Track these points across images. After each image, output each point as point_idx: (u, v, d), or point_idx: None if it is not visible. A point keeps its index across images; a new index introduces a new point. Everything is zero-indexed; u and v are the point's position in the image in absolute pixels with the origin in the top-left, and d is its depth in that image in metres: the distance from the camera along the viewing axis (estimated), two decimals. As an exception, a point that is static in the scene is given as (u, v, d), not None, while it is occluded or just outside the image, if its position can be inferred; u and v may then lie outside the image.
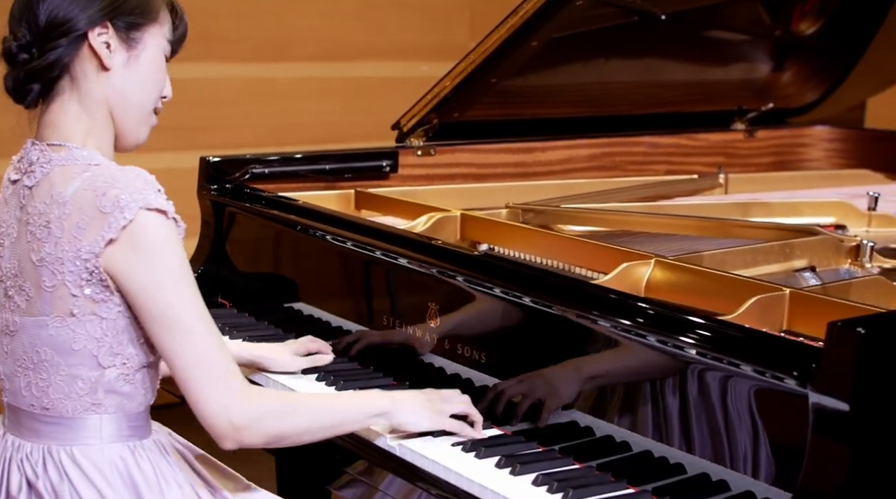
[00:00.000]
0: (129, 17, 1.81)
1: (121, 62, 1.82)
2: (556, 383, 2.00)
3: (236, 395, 1.76)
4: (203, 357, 1.75)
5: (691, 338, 1.78)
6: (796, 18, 3.60)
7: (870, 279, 2.18)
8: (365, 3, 4.69)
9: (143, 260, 1.72)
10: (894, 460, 1.60)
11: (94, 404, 1.79)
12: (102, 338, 1.77)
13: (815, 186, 3.32)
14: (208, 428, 1.78)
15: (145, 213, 1.72)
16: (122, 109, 1.84)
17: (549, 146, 3.21)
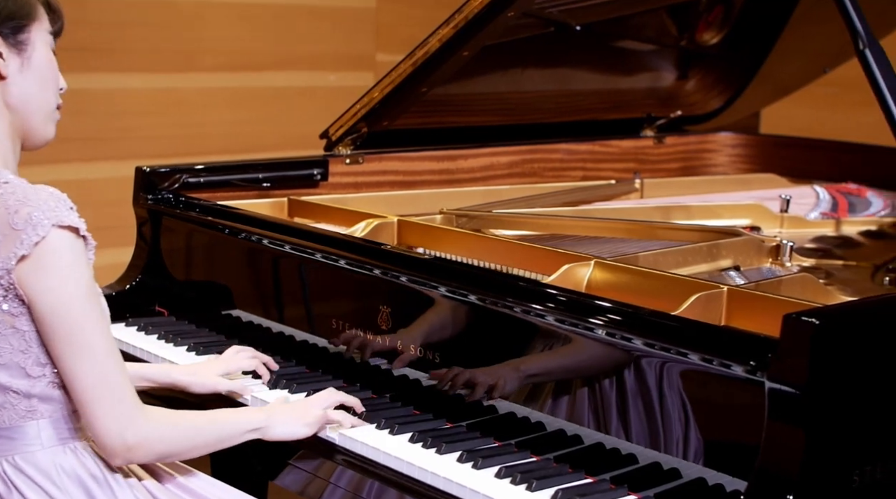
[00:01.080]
0: (12, 22, 1.84)
1: (15, 68, 1.85)
2: (509, 380, 2.08)
3: (131, 416, 1.81)
4: (103, 378, 1.78)
5: (647, 333, 1.87)
6: (701, 29, 3.74)
7: (797, 277, 2.30)
8: (273, 14, 4.72)
9: (52, 279, 1.75)
10: (844, 442, 1.71)
11: (29, 411, 1.81)
12: (27, 350, 1.79)
13: (725, 189, 3.46)
14: (101, 446, 1.82)
15: (57, 230, 1.75)
16: (26, 114, 1.87)
17: (471, 154, 3.29)
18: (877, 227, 3.14)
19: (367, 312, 2.29)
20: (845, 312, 1.72)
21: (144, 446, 1.82)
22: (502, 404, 2.10)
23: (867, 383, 1.75)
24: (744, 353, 1.72)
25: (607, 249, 2.56)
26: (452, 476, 1.91)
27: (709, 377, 1.80)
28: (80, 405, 1.80)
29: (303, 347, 2.46)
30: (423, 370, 2.20)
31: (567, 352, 2.01)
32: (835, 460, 1.70)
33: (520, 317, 2.05)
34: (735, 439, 1.82)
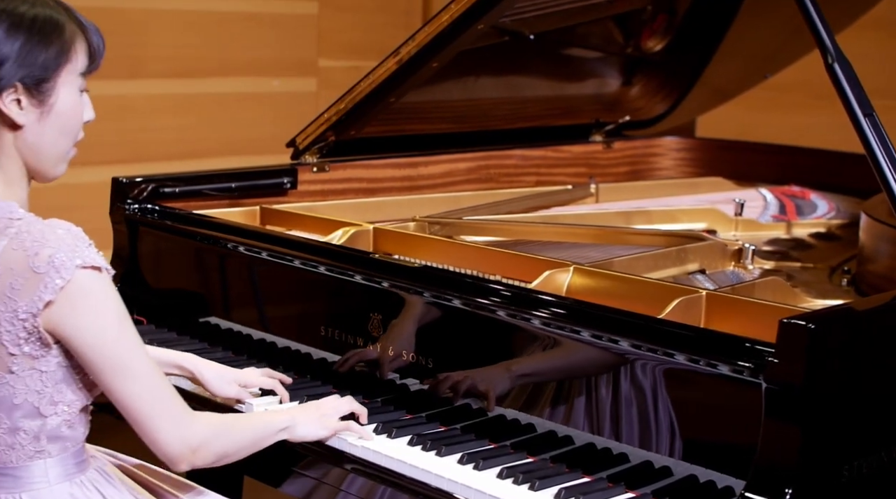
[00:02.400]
0: (38, 72, 1.78)
1: (34, 118, 1.80)
2: (501, 383, 2.15)
3: (188, 422, 1.85)
4: (154, 396, 1.81)
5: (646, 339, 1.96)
6: (645, 37, 3.84)
7: (768, 280, 2.41)
8: (218, 21, 4.75)
9: (85, 317, 1.75)
10: (835, 439, 1.81)
11: (37, 451, 1.82)
12: (42, 390, 1.79)
13: (675, 193, 3.57)
14: (166, 456, 1.85)
15: (81, 271, 1.74)
16: (38, 159, 1.84)
17: (431, 161, 3.36)
18: (825, 229, 3.27)
19: (357, 319, 2.35)
20: (837, 317, 1.82)
21: (205, 446, 1.87)
22: (494, 408, 2.18)
23: (855, 383, 1.86)
24: (742, 356, 1.82)
25: (577, 255, 2.64)
26: (456, 477, 1.99)
27: (705, 379, 1.89)
28: (137, 425, 1.82)
29: (286, 353, 2.51)
30: (414, 375, 2.27)
31: (561, 355, 2.09)
32: (826, 456, 1.80)
33: (521, 325, 2.13)
34: (727, 437, 1.92)
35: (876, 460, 1.89)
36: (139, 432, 1.84)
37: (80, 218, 4.02)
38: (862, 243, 2.73)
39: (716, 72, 3.90)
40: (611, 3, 3.59)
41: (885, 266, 2.60)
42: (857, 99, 2.19)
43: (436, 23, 2.77)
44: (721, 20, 3.77)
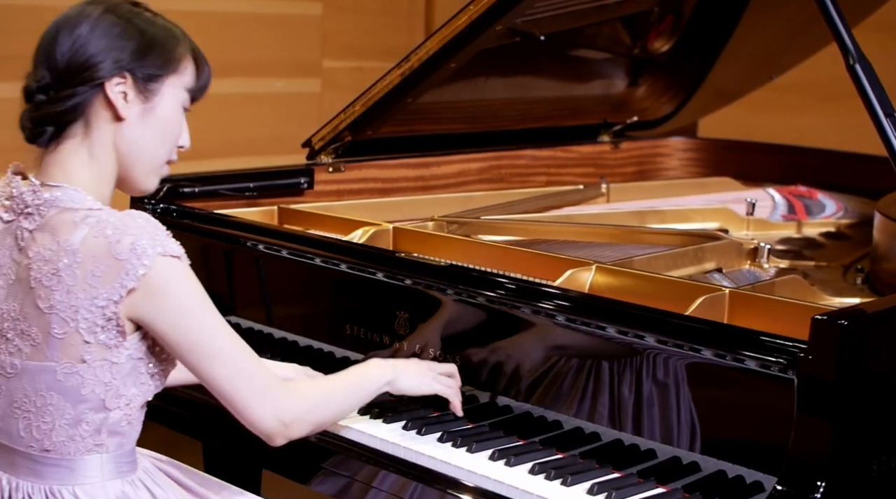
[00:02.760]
0: (150, 69, 1.84)
1: (136, 113, 1.85)
2: (527, 380, 2.18)
3: (280, 398, 1.88)
4: (244, 375, 1.84)
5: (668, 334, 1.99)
6: (652, 38, 3.87)
7: (787, 279, 2.44)
8: (222, 21, 4.76)
9: (167, 302, 1.78)
10: (864, 434, 1.84)
11: (96, 444, 1.84)
12: (111, 382, 1.81)
13: (684, 193, 3.60)
14: (261, 432, 1.88)
15: (162, 259, 1.77)
16: (131, 159, 1.87)
17: (443, 161, 3.38)
18: (835, 228, 3.31)
19: (383, 317, 2.37)
20: (868, 314, 1.85)
21: (299, 421, 1.90)
22: (517, 404, 2.21)
23: (883, 379, 1.89)
24: (773, 352, 1.85)
25: (596, 254, 2.67)
26: (489, 473, 2.01)
27: (734, 375, 1.92)
28: (230, 405, 1.85)
29: (308, 352, 2.54)
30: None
31: (588, 353, 2.12)
32: (857, 451, 1.83)
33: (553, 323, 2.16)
34: (755, 432, 1.94)
35: (903, 455, 1.92)
36: (231, 411, 1.87)
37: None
38: (876, 242, 2.77)
39: (721, 73, 3.93)
40: (619, 4, 3.62)
41: (900, 264, 2.64)
42: (878, 99, 2.22)
43: (455, 23, 2.81)
44: (727, 21, 3.80)
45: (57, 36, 1.83)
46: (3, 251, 1.86)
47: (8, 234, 1.86)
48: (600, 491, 1.94)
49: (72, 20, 1.84)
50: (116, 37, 1.82)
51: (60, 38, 1.82)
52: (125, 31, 1.83)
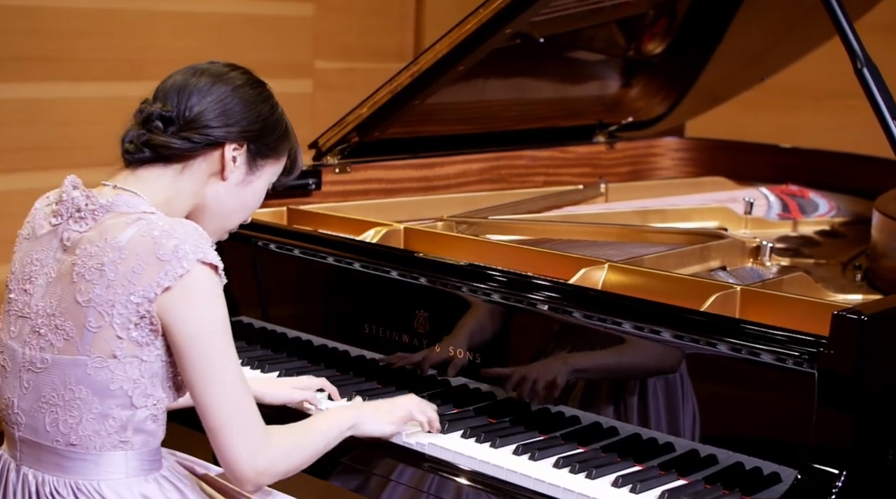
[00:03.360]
0: (264, 148, 1.99)
1: (236, 179, 1.99)
2: (548, 377, 2.24)
3: (261, 442, 1.90)
4: (236, 408, 1.88)
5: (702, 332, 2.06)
6: (646, 40, 3.94)
7: (795, 276, 2.51)
8: (217, 22, 4.80)
9: (193, 309, 1.84)
10: (881, 425, 1.91)
11: (122, 441, 1.89)
12: (139, 379, 1.86)
13: (680, 192, 3.67)
14: (233, 472, 1.90)
15: (201, 266, 1.84)
16: (210, 213, 1.99)
17: (446, 162, 3.44)
18: (830, 227, 3.39)
19: (404, 316, 2.42)
20: (885, 311, 1.92)
21: (272, 468, 1.91)
22: (535, 401, 2.27)
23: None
24: (794, 348, 1.92)
25: (604, 253, 2.72)
26: (515, 468, 2.07)
27: (754, 370, 1.99)
28: (212, 432, 1.87)
29: (323, 351, 2.59)
30: (460, 371, 2.35)
31: (609, 350, 2.18)
32: (874, 441, 1.90)
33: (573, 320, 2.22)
34: (773, 425, 2.01)
35: (915, 446, 1.99)
36: (212, 441, 1.89)
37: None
38: (874, 240, 2.84)
39: (713, 74, 4.00)
40: (616, 7, 3.69)
41: (899, 262, 2.71)
42: (885, 102, 2.29)
43: (465, 26, 2.86)
44: (718, 23, 3.88)
45: (197, 83, 1.95)
46: (48, 252, 1.92)
47: (54, 236, 1.93)
48: (624, 484, 2.01)
49: (215, 75, 1.98)
50: (251, 109, 1.97)
51: (200, 86, 1.95)
52: (259, 107, 1.99)
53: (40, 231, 1.95)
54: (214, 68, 2.01)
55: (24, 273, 1.94)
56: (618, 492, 1.99)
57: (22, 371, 1.91)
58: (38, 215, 1.98)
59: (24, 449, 1.92)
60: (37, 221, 1.98)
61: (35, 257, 1.93)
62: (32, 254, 1.94)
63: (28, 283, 1.93)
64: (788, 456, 1.96)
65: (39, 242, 1.94)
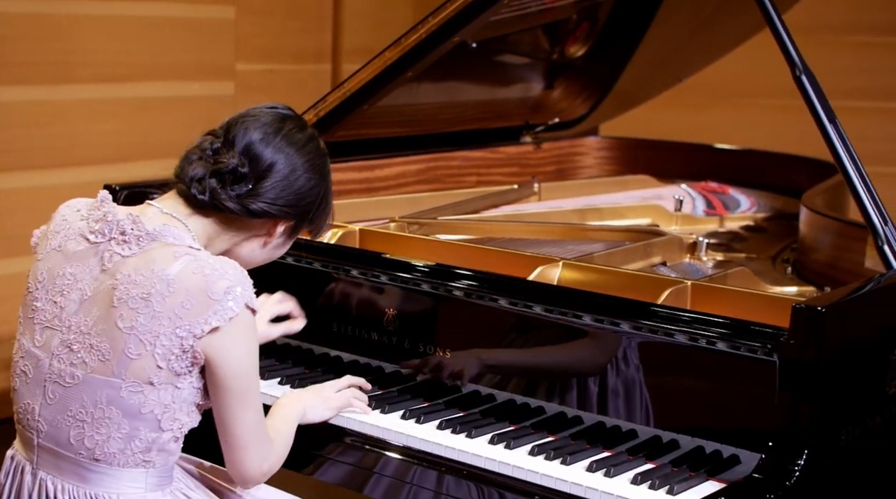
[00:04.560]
0: (309, 222, 2.08)
1: (274, 245, 2.07)
2: (511, 370, 2.37)
3: (269, 451, 2.04)
4: (257, 430, 2.00)
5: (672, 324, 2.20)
6: (569, 43, 4.09)
7: (737, 270, 2.67)
8: (141, 25, 4.83)
9: (239, 349, 1.92)
10: (836, 408, 2.08)
11: (145, 460, 1.96)
12: (170, 405, 1.94)
13: (608, 190, 3.83)
14: (245, 481, 2.04)
15: (247, 310, 1.92)
16: (239, 259, 2.03)
17: (385, 164, 3.55)
18: (753, 222, 3.57)
19: (374, 315, 2.53)
20: (838, 301, 2.08)
21: (273, 468, 2.06)
22: (500, 393, 2.39)
23: (850, 359, 2.12)
24: (759, 338, 2.07)
25: (550, 251, 2.85)
26: (493, 456, 2.19)
27: (715, 359, 2.14)
28: (232, 449, 1.98)
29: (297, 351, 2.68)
30: (426, 365, 2.47)
31: (572, 343, 2.31)
32: (829, 423, 2.06)
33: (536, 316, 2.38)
34: (733, 410, 2.16)
35: (862, 426, 2.16)
36: (229, 456, 2.00)
37: (13, 223, 4.18)
38: (803, 235, 3.02)
39: (632, 75, 4.17)
40: (543, 12, 3.83)
41: (827, 255, 2.89)
42: (822, 107, 2.45)
43: (414, 34, 2.97)
44: (637, 27, 4.04)
45: (277, 150, 2.00)
46: (84, 269, 1.96)
47: (92, 254, 1.96)
48: (598, 468, 2.14)
49: (295, 144, 2.02)
50: (313, 191, 2.05)
51: (278, 157, 1.99)
52: (319, 187, 2.06)
53: (76, 246, 1.98)
54: (295, 135, 2.03)
55: (54, 285, 1.98)
56: (593, 477, 2.12)
57: (47, 382, 1.95)
58: (69, 228, 2.01)
59: (42, 455, 1.98)
60: (69, 234, 2.00)
61: (69, 272, 1.97)
62: (66, 267, 1.97)
63: (59, 295, 1.96)
64: (745, 439, 2.12)
65: (75, 257, 1.97)
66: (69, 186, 4.62)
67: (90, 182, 4.72)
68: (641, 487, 2.08)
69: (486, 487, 2.16)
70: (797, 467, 1.99)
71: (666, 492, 2.06)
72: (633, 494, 2.06)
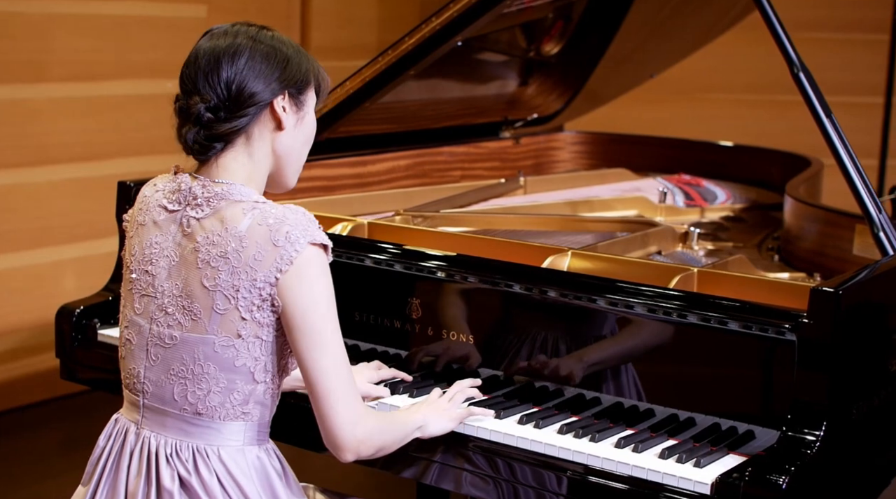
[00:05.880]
0: (298, 85, 2.11)
1: (292, 122, 2.13)
2: (542, 357, 2.49)
3: (361, 413, 2.09)
4: (341, 378, 2.06)
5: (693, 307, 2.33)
6: (545, 42, 4.22)
7: (735, 258, 2.80)
8: (114, 24, 4.88)
9: (305, 285, 2.02)
10: (848, 384, 2.22)
11: (243, 412, 2.09)
12: (259, 357, 2.06)
13: (589, 183, 3.96)
14: (336, 439, 2.07)
15: (311, 246, 2.03)
16: (286, 161, 2.15)
17: (376, 159, 3.65)
18: (732, 213, 3.72)
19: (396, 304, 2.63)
20: (852, 284, 2.22)
21: (369, 440, 2.08)
22: (520, 378, 2.51)
23: (861, 339, 2.27)
24: (781, 318, 2.21)
25: (552, 241, 2.98)
26: (525, 435, 2.31)
27: (735, 340, 2.27)
28: (319, 398, 2.04)
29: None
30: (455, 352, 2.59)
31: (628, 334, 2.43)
32: (844, 397, 2.21)
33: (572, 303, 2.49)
34: (749, 389, 2.29)
35: (871, 402, 2.31)
36: (318, 409, 2.06)
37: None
38: (788, 224, 3.17)
39: (605, 72, 4.30)
40: (521, 11, 3.94)
41: (814, 242, 3.04)
42: (819, 102, 2.59)
43: (417, 34, 3.08)
44: (610, 26, 4.17)
45: (218, 68, 2.05)
46: (167, 237, 2.10)
47: (172, 222, 2.10)
48: (626, 444, 2.27)
49: (229, 51, 2.06)
50: (272, 63, 2.07)
51: (223, 69, 2.05)
52: (276, 56, 2.08)
53: (158, 217, 2.11)
54: (222, 41, 2.08)
55: (144, 255, 2.11)
56: (622, 452, 2.25)
57: (149, 345, 2.09)
58: (150, 203, 2.14)
59: (147, 415, 2.11)
60: (151, 209, 2.13)
61: (154, 241, 2.10)
62: (152, 238, 2.11)
63: (149, 264, 2.10)
64: (760, 416, 2.26)
65: (158, 227, 2.11)
66: (45, 184, 4.69)
67: (66, 179, 4.79)
68: (669, 461, 2.21)
69: (517, 463, 2.27)
70: (818, 439, 2.12)
71: (693, 465, 2.18)
72: (662, 467, 2.18)
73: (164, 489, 2.06)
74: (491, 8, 3.09)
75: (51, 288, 4.75)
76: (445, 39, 3.12)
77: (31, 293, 4.71)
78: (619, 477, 2.20)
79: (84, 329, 2.88)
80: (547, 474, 2.25)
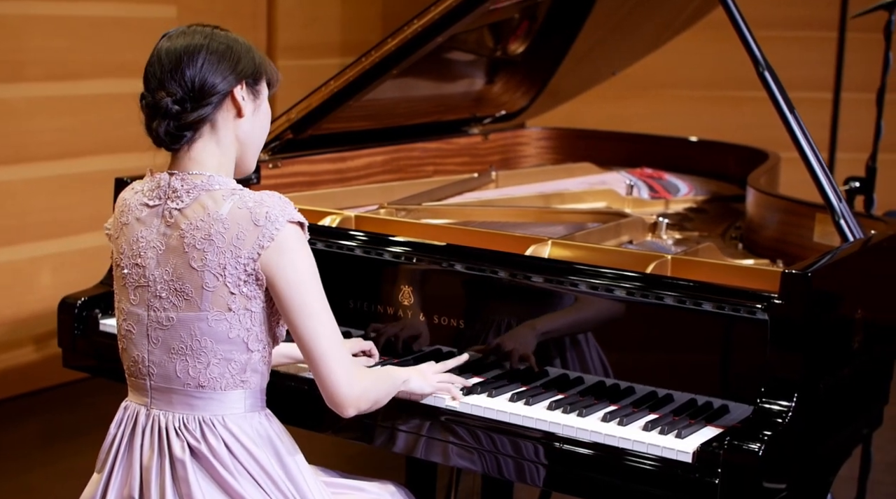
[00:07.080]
0: (252, 75, 2.31)
1: (250, 110, 2.32)
2: (525, 339, 2.65)
3: (354, 371, 2.30)
4: (332, 341, 2.26)
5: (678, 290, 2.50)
6: (511, 41, 4.38)
7: (704, 246, 2.98)
8: (88, 24, 4.99)
9: (287, 258, 2.21)
10: (816, 360, 2.40)
11: (241, 381, 2.27)
12: (251, 328, 2.25)
13: (557, 177, 4.13)
14: (337, 397, 2.27)
15: (289, 224, 2.22)
16: (247, 147, 2.35)
17: (355, 155, 3.80)
18: (695, 204, 3.90)
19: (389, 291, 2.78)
20: (822, 267, 2.40)
21: (364, 395, 2.30)
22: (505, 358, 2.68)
23: (828, 317, 2.45)
24: (754, 299, 2.38)
25: (532, 232, 3.14)
26: (517, 411, 2.47)
27: (713, 320, 2.45)
28: (316, 360, 2.23)
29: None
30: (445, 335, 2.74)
31: (581, 311, 2.60)
32: (812, 372, 2.39)
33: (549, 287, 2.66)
34: (723, 366, 2.47)
35: (834, 377, 2.50)
36: (316, 370, 2.25)
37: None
38: (751, 214, 3.36)
39: (568, 69, 4.47)
40: (490, 12, 4.10)
41: (776, 230, 3.23)
42: (783, 99, 2.77)
43: (400, 35, 3.22)
44: (572, 25, 4.34)
45: (180, 65, 2.25)
46: (151, 229, 2.27)
47: (154, 216, 2.27)
48: (611, 419, 2.44)
49: (188, 50, 2.27)
50: (228, 58, 2.27)
51: (185, 66, 2.24)
52: (231, 52, 2.28)
53: (140, 214, 2.28)
54: (181, 41, 2.28)
55: (132, 251, 2.28)
56: (608, 426, 2.42)
57: (149, 330, 2.26)
58: (131, 204, 2.31)
59: (155, 395, 2.28)
60: (133, 209, 2.30)
61: (140, 235, 2.27)
62: (137, 233, 2.28)
63: (138, 257, 2.27)
64: (734, 391, 2.44)
65: (142, 223, 2.28)
66: (22, 182, 4.80)
67: (43, 177, 4.90)
68: (653, 432, 2.38)
69: (509, 437, 2.44)
70: (789, 409, 2.31)
71: (675, 436, 2.36)
72: (647, 438, 2.35)
73: (176, 459, 2.23)
74: (474, 9, 3.24)
75: (28, 284, 4.85)
76: (428, 40, 3.27)
77: (9, 289, 4.81)
78: (607, 448, 2.36)
79: (85, 320, 3.01)
80: (536, 446, 2.41)
